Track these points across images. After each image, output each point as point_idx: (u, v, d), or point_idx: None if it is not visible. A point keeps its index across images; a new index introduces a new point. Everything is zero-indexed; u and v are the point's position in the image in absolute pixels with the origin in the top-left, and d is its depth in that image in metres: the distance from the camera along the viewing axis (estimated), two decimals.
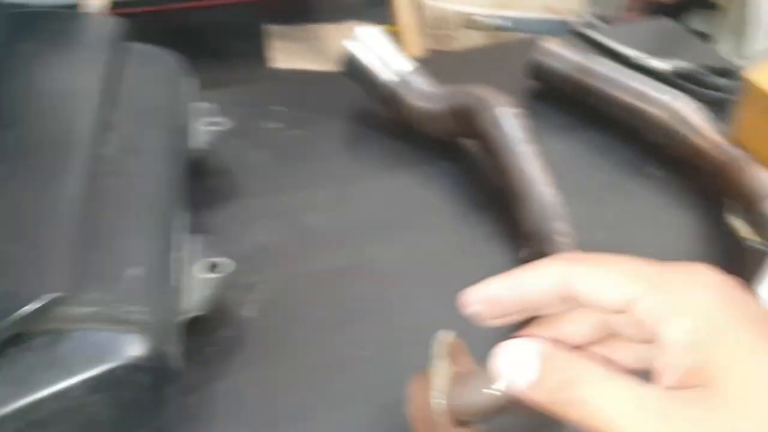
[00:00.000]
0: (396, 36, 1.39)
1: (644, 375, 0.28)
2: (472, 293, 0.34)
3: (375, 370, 0.54)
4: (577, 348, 0.31)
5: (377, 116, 0.78)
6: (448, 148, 0.74)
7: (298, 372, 0.54)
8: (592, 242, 0.63)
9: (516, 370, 0.29)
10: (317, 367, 0.54)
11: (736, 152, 0.66)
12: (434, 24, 1.59)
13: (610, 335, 0.32)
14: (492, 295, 0.33)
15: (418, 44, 1.34)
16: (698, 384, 0.25)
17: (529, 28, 1.65)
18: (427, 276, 0.61)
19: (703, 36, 1.78)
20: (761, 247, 0.60)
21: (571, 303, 0.30)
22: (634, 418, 0.25)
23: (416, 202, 0.69)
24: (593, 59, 0.79)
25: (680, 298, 0.27)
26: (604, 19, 2.28)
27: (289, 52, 1.68)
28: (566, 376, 0.28)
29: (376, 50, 0.76)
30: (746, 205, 0.62)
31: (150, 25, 1.92)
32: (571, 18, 1.67)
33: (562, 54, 0.80)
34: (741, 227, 0.62)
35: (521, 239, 0.62)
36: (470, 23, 1.66)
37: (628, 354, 0.31)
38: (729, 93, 0.79)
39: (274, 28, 1.78)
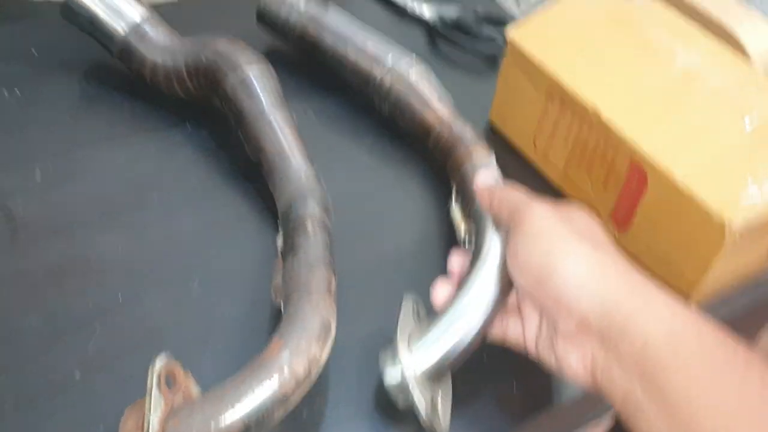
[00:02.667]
0: None
1: None
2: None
3: (94, 393, 0.45)
4: None
5: (112, 71, 0.67)
6: (195, 110, 0.65)
7: (3, 401, 0.44)
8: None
9: (483, 180, 0.52)
10: (25, 393, 0.45)
11: (464, 130, 0.59)
12: None
13: None
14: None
15: None
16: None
17: None
18: (165, 269, 0.53)
19: None
20: (467, 245, 0.53)
21: None
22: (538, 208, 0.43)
23: (155, 177, 0.59)
24: (326, 8, 0.68)
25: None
26: None
27: None
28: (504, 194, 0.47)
29: None
30: (461, 190, 0.56)
31: None
32: None
33: None
34: (457, 216, 0.56)
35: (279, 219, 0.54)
36: None
37: None
38: (503, 45, 0.75)
39: None
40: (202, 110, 0.65)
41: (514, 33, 0.62)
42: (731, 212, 0.49)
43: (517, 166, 0.65)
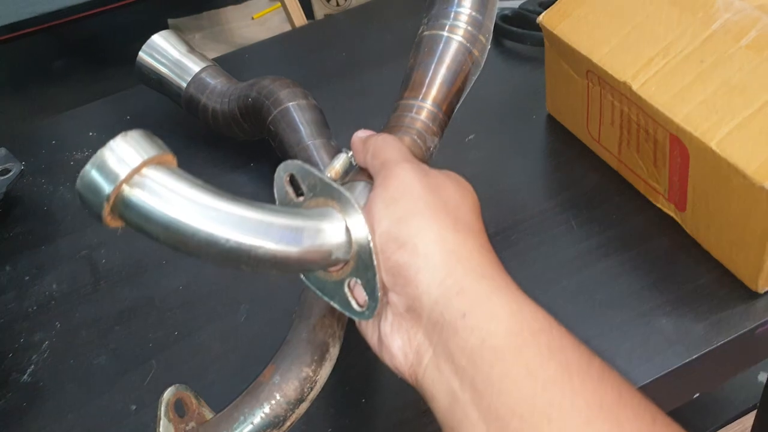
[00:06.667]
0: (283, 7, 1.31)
1: None
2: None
3: (145, 426, 0.49)
4: None
5: (187, 124, 0.73)
6: (260, 149, 0.69)
7: None
8: None
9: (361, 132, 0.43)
10: (87, 428, 0.50)
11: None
12: None
13: None
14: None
15: (300, 15, 1.27)
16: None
17: None
18: (217, 302, 0.57)
19: None
20: None
21: None
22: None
23: None
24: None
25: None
26: None
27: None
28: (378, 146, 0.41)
29: (169, 55, 0.70)
30: None
31: (56, 39, 1.89)
32: None
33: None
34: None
35: None
36: None
37: None
38: None
39: (173, 22, 1.71)
40: (266, 149, 0.68)
41: (545, 17, 0.59)
42: None
43: (578, 155, 0.62)
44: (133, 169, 0.31)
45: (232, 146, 0.70)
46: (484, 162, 0.64)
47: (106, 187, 0.31)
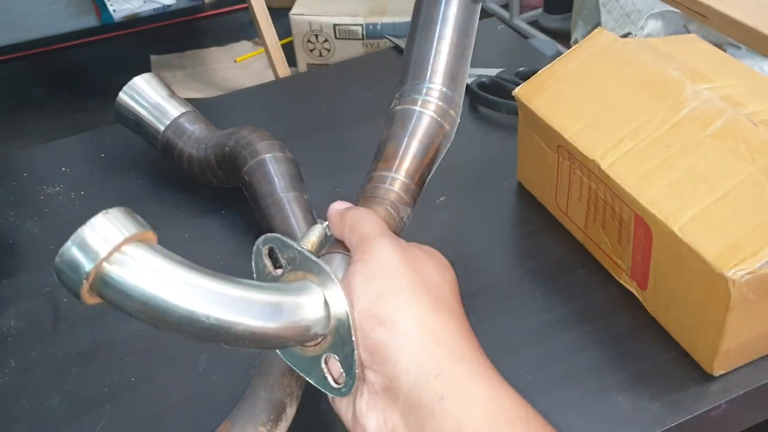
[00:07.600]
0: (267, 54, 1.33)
1: None
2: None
3: None
4: None
5: (162, 168, 0.73)
6: (232, 197, 0.69)
7: None
8: None
9: (338, 204, 0.43)
10: None
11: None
12: (308, 38, 1.54)
13: None
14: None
15: (283, 63, 1.29)
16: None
17: (404, 33, 1.59)
18: (177, 349, 0.56)
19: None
20: None
21: None
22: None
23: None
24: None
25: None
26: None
27: (170, 82, 1.62)
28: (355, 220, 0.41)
29: (150, 98, 0.71)
30: None
31: (36, 67, 1.89)
32: None
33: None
34: None
35: None
36: (344, 33, 1.61)
37: None
38: None
39: (155, 58, 1.72)
40: (237, 197, 0.69)
41: (521, 90, 0.61)
42: (736, 265, 0.44)
43: (546, 225, 0.63)
44: (114, 247, 0.31)
45: (204, 192, 0.70)
46: (452, 225, 0.65)
47: (86, 265, 0.31)
